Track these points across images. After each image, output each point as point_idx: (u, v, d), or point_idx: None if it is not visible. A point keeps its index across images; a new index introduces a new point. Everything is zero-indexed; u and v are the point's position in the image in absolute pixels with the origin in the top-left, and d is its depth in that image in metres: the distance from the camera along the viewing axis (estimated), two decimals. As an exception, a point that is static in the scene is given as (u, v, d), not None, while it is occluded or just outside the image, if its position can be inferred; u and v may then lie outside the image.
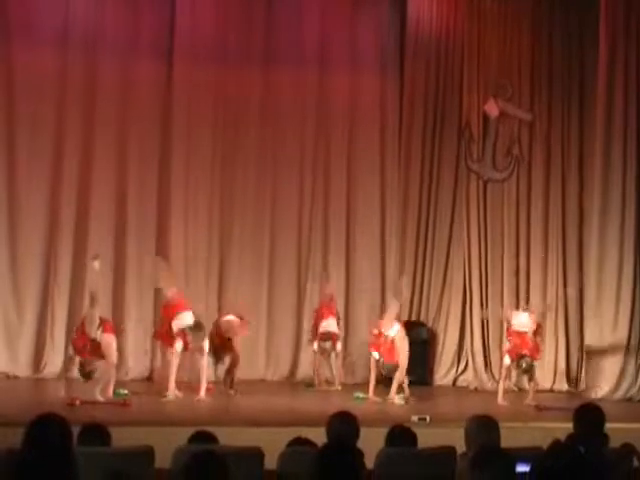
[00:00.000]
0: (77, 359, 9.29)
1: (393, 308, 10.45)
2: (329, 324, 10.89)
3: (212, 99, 11.74)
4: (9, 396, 9.44)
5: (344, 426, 5.08)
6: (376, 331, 10.23)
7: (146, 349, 11.29)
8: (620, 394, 10.90)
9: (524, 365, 10.13)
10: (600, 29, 11.22)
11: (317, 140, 12.16)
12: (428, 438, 5.77)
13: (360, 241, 12.15)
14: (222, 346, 10.25)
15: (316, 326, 11.02)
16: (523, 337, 10.20)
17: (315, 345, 10.94)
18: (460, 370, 12.09)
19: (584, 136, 12.15)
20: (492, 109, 12.25)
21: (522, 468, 4.28)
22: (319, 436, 5.02)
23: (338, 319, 11.10)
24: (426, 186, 12.29)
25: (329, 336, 10.86)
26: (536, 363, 10.32)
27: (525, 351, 10.11)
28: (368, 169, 12.25)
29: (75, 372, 9.45)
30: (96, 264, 9.78)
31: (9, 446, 4.18)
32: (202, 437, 5.19)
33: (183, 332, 9.77)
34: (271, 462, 5.13)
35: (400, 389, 10.08)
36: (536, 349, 10.32)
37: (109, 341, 9.38)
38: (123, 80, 11.50)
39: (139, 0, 11.59)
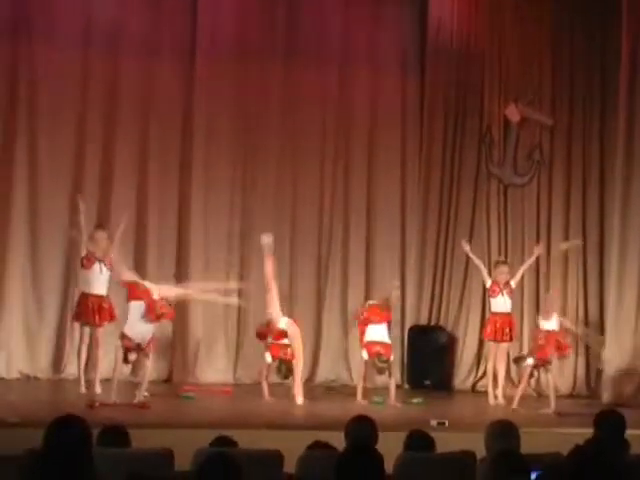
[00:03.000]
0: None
1: None
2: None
3: (234, 97, 11.74)
4: (29, 397, 9.47)
5: (362, 430, 5.08)
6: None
7: None
8: (640, 400, 10.84)
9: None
10: (622, 32, 11.17)
11: (337, 140, 12.15)
12: (447, 442, 5.76)
13: (380, 245, 12.14)
14: None
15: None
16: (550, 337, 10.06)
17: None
18: (479, 375, 12.04)
19: (605, 140, 12.10)
20: (513, 114, 12.22)
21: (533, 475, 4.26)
22: (338, 440, 5.02)
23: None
24: (447, 189, 12.25)
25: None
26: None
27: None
28: (388, 172, 12.23)
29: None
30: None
31: (30, 447, 4.20)
32: (222, 442, 5.20)
33: None
34: (290, 466, 5.13)
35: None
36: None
37: None
38: (145, 79, 11.51)
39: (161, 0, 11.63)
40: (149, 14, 11.53)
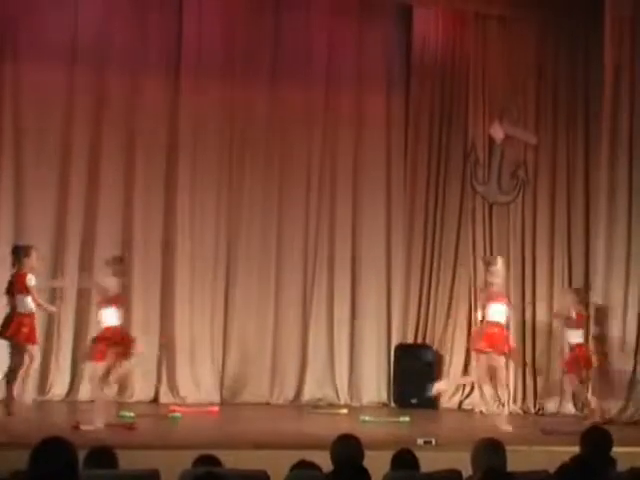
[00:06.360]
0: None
1: None
2: None
3: (219, 114, 11.78)
4: (15, 418, 9.41)
5: (348, 449, 5.08)
6: None
7: None
8: (627, 417, 10.85)
9: None
10: (605, 52, 11.25)
11: (323, 158, 12.19)
12: (434, 461, 5.75)
13: (366, 262, 12.16)
14: None
15: None
16: None
17: None
18: (466, 393, 12.05)
19: (589, 159, 12.16)
20: (497, 132, 12.27)
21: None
22: (324, 459, 5.01)
23: None
24: (432, 207, 12.29)
25: None
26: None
27: None
28: (374, 189, 12.27)
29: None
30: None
31: (15, 469, 4.18)
32: (206, 461, 5.18)
33: None
34: (276, 486, 5.12)
35: None
36: None
37: None
38: (130, 95, 11.54)
39: (147, 16, 11.61)
40: (135, 30, 11.56)
